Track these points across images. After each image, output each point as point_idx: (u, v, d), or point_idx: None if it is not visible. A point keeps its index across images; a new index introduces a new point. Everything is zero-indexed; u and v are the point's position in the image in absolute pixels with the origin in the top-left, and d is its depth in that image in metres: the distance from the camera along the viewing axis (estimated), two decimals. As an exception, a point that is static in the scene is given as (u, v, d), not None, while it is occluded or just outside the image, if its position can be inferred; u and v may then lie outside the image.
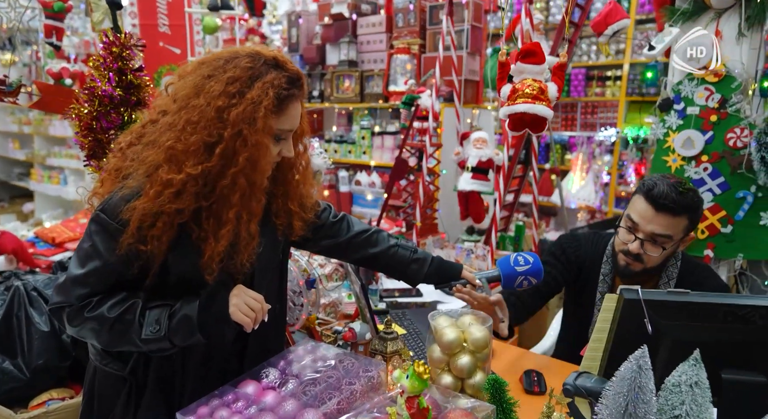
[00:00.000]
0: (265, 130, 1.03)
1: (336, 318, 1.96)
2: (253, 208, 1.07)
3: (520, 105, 1.11)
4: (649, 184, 1.43)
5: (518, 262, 1.38)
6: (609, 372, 1.15)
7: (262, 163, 1.06)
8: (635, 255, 1.46)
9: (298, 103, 1.10)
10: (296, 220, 1.24)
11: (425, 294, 2.18)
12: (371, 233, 1.44)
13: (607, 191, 5.64)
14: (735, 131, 2.09)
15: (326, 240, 1.41)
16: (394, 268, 1.44)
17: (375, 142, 3.56)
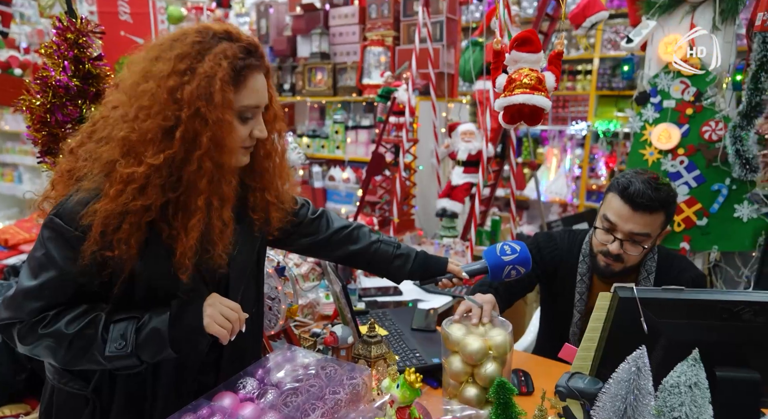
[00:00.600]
0: (225, 104, 0.94)
1: (314, 319, 1.88)
2: (223, 193, 0.98)
3: (518, 96, 1.06)
4: (624, 183, 1.39)
5: (505, 252, 1.34)
6: (602, 371, 1.13)
7: (227, 141, 0.96)
8: (615, 255, 1.43)
9: (260, 74, 1.00)
10: (274, 211, 1.15)
11: (405, 292, 2.12)
12: (352, 229, 1.37)
13: (579, 184, 5.71)
14: (710, 124, 2.11)
15: (305, 238, 1.34)
16: (376, 265, 1.38)
17: (349, 136, 3.48)
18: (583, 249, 1.58)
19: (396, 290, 2.15)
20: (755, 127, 1.96)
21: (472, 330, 1.16)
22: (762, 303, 0.97)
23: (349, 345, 1.34)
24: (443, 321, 1.19)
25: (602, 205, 1.49)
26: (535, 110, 1.09)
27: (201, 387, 1.11)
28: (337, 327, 1.36)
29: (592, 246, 1.52)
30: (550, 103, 1.10)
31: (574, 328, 1.60)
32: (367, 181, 2.23)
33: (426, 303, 2.08)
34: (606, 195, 1.48)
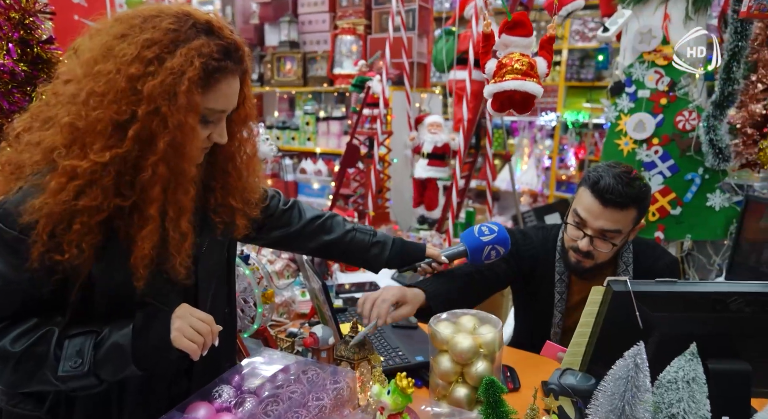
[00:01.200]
0: (190, 107, 0.83)
1: (289, 318, 1.81)
2: (181, 202, 0.88)
3: (510, 82, 1.01)
4: (594, 177, 1.34)
5: (483, 232, 1.30)
6: (593, 367, 1.10)
7: (188, 148, 0.85)
8: (585, 252, 1.40)
9: (234, 79, 0.91)
10: (239, 218, 1.07)
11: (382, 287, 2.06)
12: (325, 219, 1.31)
13: (549, 175, 5.77)
14: (684, 114, 2.12)
15: (277, 231, 1.27)
16: (352, 255, 1.32)
17: (320, 127, 3.39)
18: (558, 247, 1.54)
19: (372, 285, 2.10)
20: (727, 116, 1.97)
21: (461, 328, 1.11)
22: (755, 294, 0.95)
23: (330, 346, 1.28)
24: (430, 319, 1.14)
25: (574, 198, 1.45)
26: (526, 97, 1.04)
27: (173, 398, 1.03)
28: (317, 327, 1.29)
29: (564, 242, 1.48)
30: (541, 89, 1.05)
31: (555, 328, 1.57)
32: (342, 173, 2.17)
33: (405, 298, 2.02)
34: (578, 188, 1.44)
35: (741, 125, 1.97)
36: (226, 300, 1.17)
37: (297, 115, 3.60)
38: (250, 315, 1.45)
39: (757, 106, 1.93)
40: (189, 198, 0.89)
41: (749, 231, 1.90)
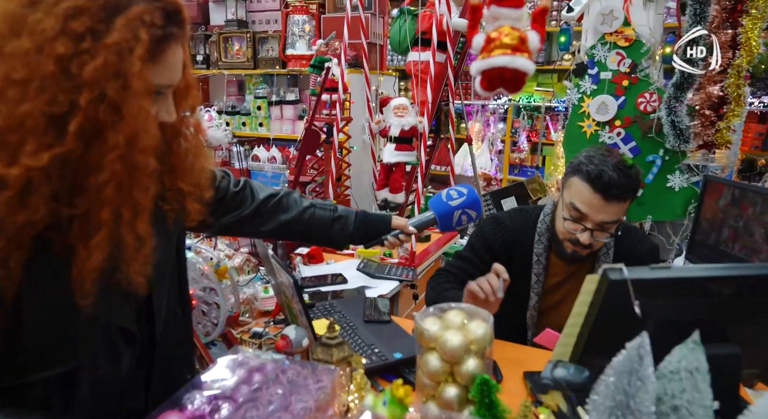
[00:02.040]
0: (145, 90, 0.70)
1: (252, 317, 1.69)
2: (138, 202, 0.74)
3: (498, 58, 0.92)
4: (595, 172, 1.28)
5: (451, 197, 1.23)
6: (586, 358, 1.06)
7: (144, 138, 0.71)
8: (586, 244, 1.35)
9: (178, 47, 0.77)
10: (191, 202, 0.94)
11: (350, 279, 1.98)
12: (281, 197, 1.21)
13: (502, 158, 5.83)
14: (645, 96, 2.13)
15: (228, 216, 1.15)
16: (313, 233, 1.23)
17: (273, 112, 3.23)
18: (538, 229, 1.51)
19: (339, 278, 2.00)
20: (687, 98, 2.00)
21: (449, 324, 1.04)
22: (751, 277, 0.93)
23: (305, 349, 1.18)
24: (416, 315, 1.06)
25: (565, 190, 1.39)
26: (517, 75, 0.96)
27: (130, 414, 0.91)
28: (288, 328, 1.19)
29: (557, 232, 1.44)
30: (533, 66, 0.98)
31: (531, 311, 1.54)
32: (302, 160, 2.04)
33: (373, 289, 1.95)
34: (569, 179, 1.38)
35: (699, 107, 2.00)
36: (178, 299, 1.05)
37: (247, 99, 3.41)
38: (213, 320, 1.33)
39: (714, 88, 1.96)
40: (148, 196, 0.76)
41: (708, 210, 1.94)
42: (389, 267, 2.15)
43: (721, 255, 1.86)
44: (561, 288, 1.53)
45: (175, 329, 1.00)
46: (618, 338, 1.05)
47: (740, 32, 1.91)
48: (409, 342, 1.43)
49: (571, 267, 1.50)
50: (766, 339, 1.06)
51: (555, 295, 1.53)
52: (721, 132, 1.96)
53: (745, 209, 1.76)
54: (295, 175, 2.12)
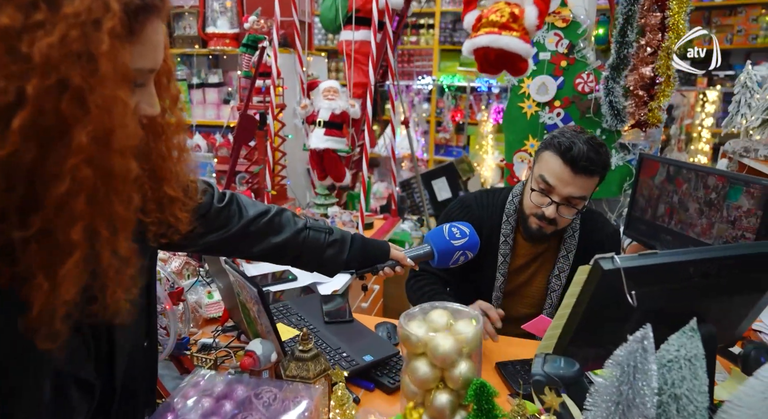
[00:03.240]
0: (119, 75, 0.56)
1: (197, 326, 1.53)
2: (119, 215, 0.60)
3: (481, 37, 0.84)
4: (566, 143, 1.29)
5: (453, 235, 1.17)
6: (573, 350, 1.04)
7: (121, 136, 0.58)
8: (550, 219, 1.35)
9: (159, 23, 0.63)
10: (179, 210, 0.80)
11: (300, 276, 1.85)
12: (272, 215, 1.07)
13: (428, 139, 5.86)
14: (582, 76, 2.17)
15: (213, 234, 0.99)
16: (306, 259, 1.10)
17: (194, 96, 2.96)
18: (506, 209, 1.49)
19: (287, 275, 1.87)
20: (623, 79, 2.05)
21: (436, 326, 0.97)
22: (736, 257, 0.95)
23: (273, 364, 1.06)
24: (400, 318, 0.98)
25: (536, 165, 1.39)
26: (502, 55, 0.88)
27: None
28: (253, 343, 1.06)
29: (524, 207, 1.43)
30: (525, 45, 0.91)
31: (497, 292, 1.52)
32: (237, 149, 1.86)
33: (325, 285, 1.84)
34: (541, 154, 1.37)
35: (633, 87, 2.07)
36: (145, 330, 0.89)
37: (162, 81, 3.10)
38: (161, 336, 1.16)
39: (646, 69, 2.03)
40: (132, 208, 0.60)
41: (644, 187, 2.02)
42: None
43: (658, 230, 1.95)
44: (526, 270, 1.52)
45: (140, 365, 0.85)
46: (606, 328, 1.04)
47: (668, 15, 1.98)
48: (377, 341, 1.36)
49: (537, 248, 1.49)
50: (731, 314, 1.11)
51: (520, 277, 1.53)
52: (653, 111, 2.04)
53: (680, 185, 1.85)
54: (231, 164, 1.94)
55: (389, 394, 1.21)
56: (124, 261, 0.61)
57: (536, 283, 1.53)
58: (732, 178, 1.65)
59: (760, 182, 1.56)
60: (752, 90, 1.84)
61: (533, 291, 1.53)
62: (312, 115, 2.36)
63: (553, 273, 1.48)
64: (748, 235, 1.59)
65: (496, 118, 5.26)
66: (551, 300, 1.49)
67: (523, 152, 2.34)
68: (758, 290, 1.03)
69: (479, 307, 1.34)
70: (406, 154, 5.88)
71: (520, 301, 1.55)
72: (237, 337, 1.44)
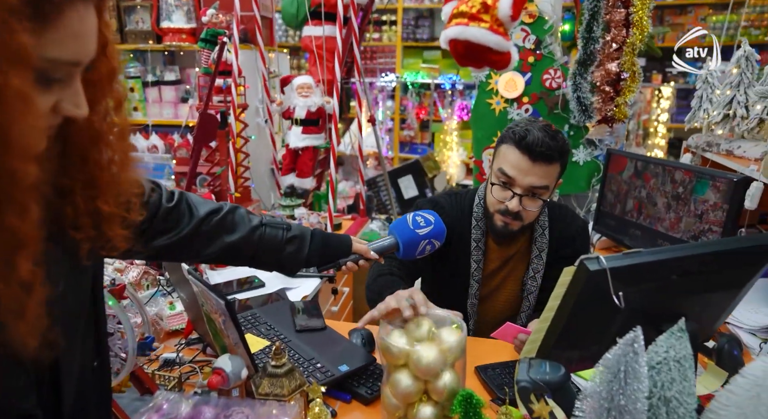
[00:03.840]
0: (14, 58, 0.48)
1: (159, 340, 1.43)
2: (14, 230, 0.52)
3: (449, 29, 0.79)
4: (520, 132, 1.28)
5: (418, 224, 1.12)
6: (556, 352, 1.02)
7: (17, 132, 0.50)
8: (515, 213, 1.33)
9: (87, 9, 0.55)
10: (117, 227, 0.71)
11: (267, 281, 1.77)
12: (225, 213, 0.99)
13: (392, 136, 5.82)
14: (550, 72, 2.16)
15: (162, 237, 0.92)
16: (264, 257, 1.04)
17: (149, 94, 2.81)
18: (475, 213, 1.45)
19: (254, 282, 1.79)
20: (589, 75, 2.06)
21: (416, 335, 0.92)
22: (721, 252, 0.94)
23: (244, 381, 0.99)
24: (380, 329, 0.92)
25: (495, 159, 1.36)
26: (471, 47, 0.83)
27: None
28: (221, 360, 0.98)
29: (488, 205, 1.39)
30: (495, 37, 0.86)
31: (472, 299, 1.49)
32: (198, 149, 1.76)
33: (294, 290, 1.77)
34: (498, 148, 1.35)
35: (599, 83, 2.07)
36: (94, 350, 0.81)
37: (115, 79, 2.93)
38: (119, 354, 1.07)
39: (612, 65, 2.04)
40: (30, 221, 0.52)
41: (613, 183, 2.04)
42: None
43: (627, 225, 1.97)
44: (499, 274, 1.49)
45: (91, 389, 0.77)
46: (589, 329, 1.02)
47: (632, 11, 1.99)
48: (352, 350, 1.30)
49: (508, 250, 1.46)
50: (711, 311, 1.11)
51: (493, 281, 1.50)
52: (620, 107, 2.05)
53: (647, 180, 1.87)
54: (191, 166, 1.83)
55: (367, 405, 1.15)
56: (27, 287, 0.53)
57: (510, 286, 1.50)
58: (698, 173, 1.67)
59: (726, 176, 1.58)
60: (713, 86, 1.87)
61: (507, 294, 1.50)
62: (288, 112, 2.28)
63: (528, 275, 1.45)
64: (715, 229, 1.61)
65: (460, 114, 5.27)
66: (528, 302, 1.46)
67: (491, 149, 2.32)
68: (738, 285, 1.03)
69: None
70: (370, 152, 5.82)
71: (495, 306, 1.52)
72: (203, 350, 1.35)
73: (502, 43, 0.91)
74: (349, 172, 5.97)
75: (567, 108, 2.12)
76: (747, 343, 1.43)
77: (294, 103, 2.16)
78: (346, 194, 4.85)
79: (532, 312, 1.47)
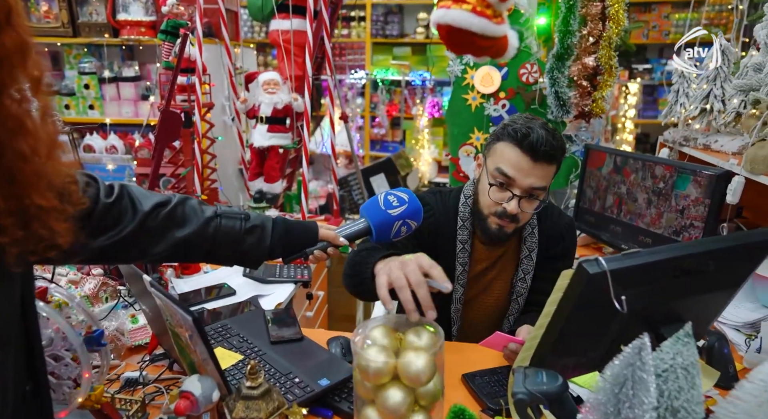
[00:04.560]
0: None
1: (119, 357, 1.31)
2: None
3: (435, 12, 0.72)
4: (522, 130, 1.20)
5: (390, 204, 1.03)
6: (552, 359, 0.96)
7: None
8: (512, 215, 1.26)
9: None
10: (54, 221, 0.63)
11: (237, 288, 1.66)
12: (174, 206, 0.90)
13: (363, 134, 5.73)
14: (526, 67, 2.12)
15: (103, 237, 0.82)
16: (221, 252, 0.95)
17: (106, 92, 2.65)
18: (461, 212, 1.38)
19: (224, 289, 1.68)
20: (567, 69, 2.02)
21: (386, 343, 0.85)
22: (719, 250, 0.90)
23: (215, 405, 0.89)
24: (355, 346, 0.84)
25: (489, 159, 1.29)
26: (453, 32, 0.76)
27: None
28: (189, 381, 0.88)
29: (480, 207, 1.32)
30: (478, 20, 0.79)
31: (456, 304, 1.42)
32: (160, 149, 1.64)
33: (267, 298, 1.67)
34: (493, 146, 1.27)
35: (576, 77, 2.04)
36: (25, 370, 0.71)
37: (68, 75, 2.75)
38: (69, 377, 0.96)
39: (589, 59, 2.01)
40: None
41: (591, 179, 2.01)
42: (279, 267, 1.87)
43: (607, 222, 1.94)
44: (486, 276, 1.43)
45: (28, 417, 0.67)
46: (585, 334, 0.96)
47: (608, 5, 1.97)
48: (332, 361, 1.22)
49: (496, 251, 1.40)
50: (707, 311, 1.07)
51: (479, 284, 1.43)
52: (597, 102, 2.02)
53: (627, 175, 1.84)
54: (153, 166, 1.71)
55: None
56: None
57: (497, 289, 1.43)
58: (679, 168, 1.65)
59: (707, 171, 1.56)
60: (689, 80, 1.86)
61: (494, 297, 1.44)
62: (253, 110, 2.16)
63: (518, 276, 1.39)
64: (697, 224, 1.59)
65: (431, 112, 5.22)
66: (517, 304, 1.40)
67: (468, 146, 2.27)
68: (735, 284, 0.99)
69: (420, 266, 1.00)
70: (340, 151, 5.72)
71: (481, 309, 1.45)
72: (169, 367, 1.25)
73: (488, 27, 0.84)
74: (320, 171, 5.85)
75: (544, 103, 2.09)
76: (732, 340, 1.42)
77: (259, 100, 2.05)
78: (317, 194, 4.75)
79: (519, 315, 1.42)
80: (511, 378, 1.01)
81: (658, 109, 5.11)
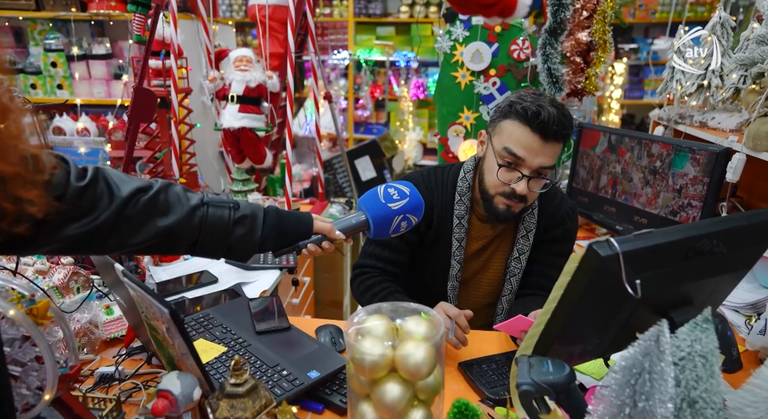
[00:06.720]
0: None
1: (93, 351, 1.23)
2: None
3: None
4: (533, 108, 1.13)
5: (390, 197, 0.98)
6: (557, 347, 0.91)
7: None
8: (521, 196, 1.20)
9: None
10: (22, 189, 0.56)
11: (220, 277, 1.58)
12: (156, 192, 0.81)
13: (346, 116, 5.61)
14: (518, 43, 2.04)
15: (75, 224, 0.73)
16: (207, 243, 0.87)
17: (76, 70, 2.50)
18: (459, 187, 1.32)
19: (205, 276, 1.60)
20: (560, 44, 1.95)
21: (383, 334, 0.78)
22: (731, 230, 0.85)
23: (196, 404, 0.82)
24: (350, 340, 0.77)
25: (495, 137, 1.22)
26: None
27: None
28: (167, 378, 0.81)
29: (487, 187, 1.25)
30: None
31: (452, 282, 1.36)
32: (135, 129, 1.52)
33: (251, 285, 1.59)
34: (499, 124, 1.20)
35: (569, 53, 1.97)
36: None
37: (33, 52, 2.59)
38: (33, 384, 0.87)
39: (582, 34, 1.94)
40: None
41: (585, 158, 1.96)
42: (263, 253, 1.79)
43: (601, 202, 1.90)
44: (483, 254, 1.37)
45: None
46: (593, 321, 0.91)
47: (602, -23, 1.89)
48: (321, 351, 1.15)
49: (494, 229, 1.35)
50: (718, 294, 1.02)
51: (476, 263, 1.38)
52: (590, 79, 1.96)
53: (622, 154, 1.79)
54: (127, 149, 1.60)
55: (342, 415, 1.01)
56: None
57: (493, 268, 1.38)
58: (677, 145, 1.60)
59: (707, 148, 1.51)
60: (685, 56, 1.80)
61: (490, 276, 1.39)
62: (223, 89, 2.04)
63: (513, 256, 1.34)
64: (695, 203, 1.55)
65: (416, 93, 5.12)
66: (511, 285, 1.35)
67: (458, 125, 2.19)
68: (747, 265, 0.94)
69: (444, 311, 1.16)
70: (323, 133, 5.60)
71: (477, 289, 1.40)
72: (148, 361, 1.17)
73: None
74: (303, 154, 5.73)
75: (537, 80, 2.02)
76: (732, 321, 1.39)
77: (230, 78, 1.92)
78: (300, 177, 4.64)
79: (513, 296, 1.37)
80: (514, 368, 0.96)
81: (644, 89, 5.08)
